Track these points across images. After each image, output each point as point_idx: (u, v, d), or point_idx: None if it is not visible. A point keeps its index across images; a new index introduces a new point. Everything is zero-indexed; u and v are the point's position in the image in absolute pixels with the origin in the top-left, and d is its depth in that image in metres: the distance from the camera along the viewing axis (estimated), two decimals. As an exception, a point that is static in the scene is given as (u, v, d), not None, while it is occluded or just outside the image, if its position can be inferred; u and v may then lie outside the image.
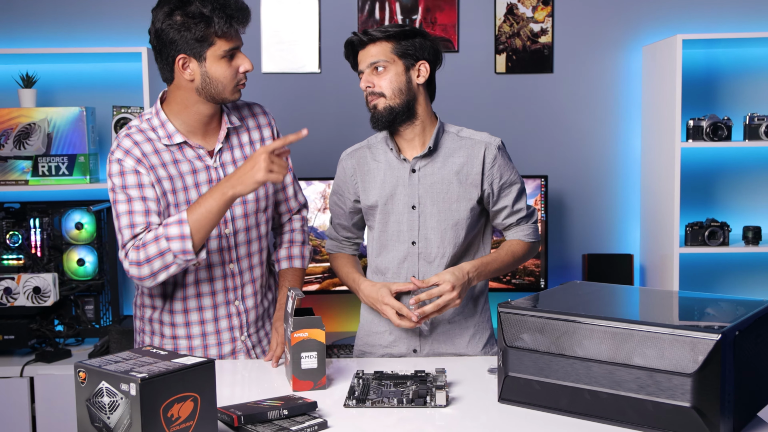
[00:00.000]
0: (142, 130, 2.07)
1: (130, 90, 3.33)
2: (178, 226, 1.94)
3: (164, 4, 1.98)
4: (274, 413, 1.61)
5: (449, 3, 3.41)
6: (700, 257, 3.37)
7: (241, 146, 2.15)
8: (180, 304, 2.12)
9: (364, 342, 2.28)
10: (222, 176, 2.10)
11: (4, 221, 3.11)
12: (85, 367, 1.44)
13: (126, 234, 2.00)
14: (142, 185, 2.01)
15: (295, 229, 2.31)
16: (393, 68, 2.09)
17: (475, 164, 2.16)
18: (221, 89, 2.01)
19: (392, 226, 2.18)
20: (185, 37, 1.95)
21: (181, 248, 1.94)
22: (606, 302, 1.87)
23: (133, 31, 3.39)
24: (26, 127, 3.09)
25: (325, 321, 3.45)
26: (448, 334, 2.20)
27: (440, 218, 2.15)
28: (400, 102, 2.10)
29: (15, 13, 3.39)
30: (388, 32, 2.09)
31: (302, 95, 3.45)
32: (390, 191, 2.17)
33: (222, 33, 1.96)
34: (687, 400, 1.50)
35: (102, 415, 1.42)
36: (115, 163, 2.03)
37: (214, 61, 1.98)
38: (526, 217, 2.24)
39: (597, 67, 3.46)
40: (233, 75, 2.01)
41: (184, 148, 2.07)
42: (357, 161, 2.24)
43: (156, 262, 1.96)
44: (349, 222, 2.30)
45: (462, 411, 1.71)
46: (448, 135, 2.19)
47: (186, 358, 1.48)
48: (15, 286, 2.97)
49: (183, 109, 2.06)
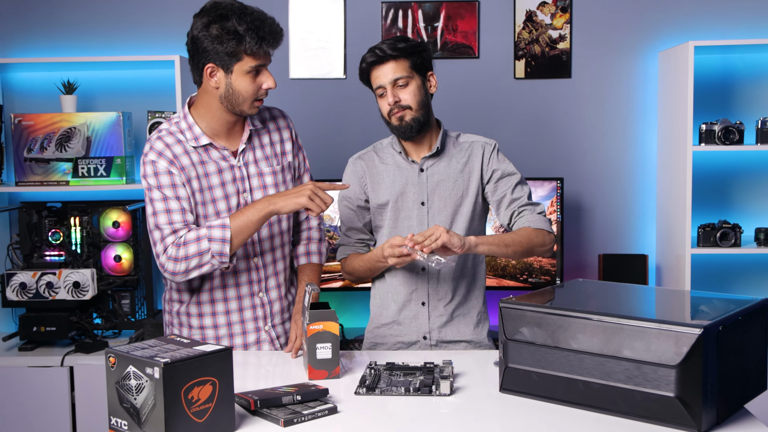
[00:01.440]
0: (172, 133, 2.20)
1: (164, 95, 3.47)
2: (221, 230, 2.09)
3: (205, 15, 2.11)
4: (288, 398, 1.73)
5: (470, 11, 3.52)
6: (712, 258, 3.43)
7: (262, 147, 2.28)
8: (207, 295, 2.26)
9: (374, 334, 2.42)
10: (245, 174, 2.23)
11: (47, 220, 3.27)
12: (115, 353, 1.58)
13: (166, 230, 2.13)
14: (176, 185, 2.15)
15: (312, 227, 2.44)
16: (414, 82, 2.26)
17: (475, 162, 2.34)
18: (241, 102, 2.14)
19: (403, 222, 2.34)
20: (217, 49, 2.08)
21: (219, 250, 2.09)
22: (602, 299, 1.96)
23: (166, 40, 3.54)
24: (67, 131, 3.25)
25: (346, 317, 3.58)
26: (453, 324, 2.36)
27: (447, 213, 2.33)
28: (423, 113, 2.28)
29: (58, 25, 3.56)
30: (405, 50, 2.24)
31: (328, 100, 3.58)
32: (400, 190, 2.33)
33: (251, 52, 2.09)
34: (671, 390, 1.59)
35: (129, 396, 1.56)
36: (149, 164, 2.16)
37: (239, 75, 2.11)
38: (529, 206, 2.32)
39: (614, 72, 3.54)
40: (255, 90, 2.14)
41: (210, 150, 2.21)
42: (366, 163, 2.40)
43: (193, 260, 2.10)
44: (361, 223, 2.43)
45: (465, 400, 1.81)
46: (450, 138, 2.39)
47: (206, 345, 1.62)
48: (56, 280, 3.13)
49: (208, 112, 2.19)
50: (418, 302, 2.35)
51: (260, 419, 1.69)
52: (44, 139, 3.24)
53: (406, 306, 2.36)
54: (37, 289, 3.12)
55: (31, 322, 3.16)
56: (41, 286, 3.12)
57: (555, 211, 3.32)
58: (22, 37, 3.55)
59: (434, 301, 2.34)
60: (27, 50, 3.55)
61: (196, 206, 2.18)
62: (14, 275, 3.12)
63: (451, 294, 2.35)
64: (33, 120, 3.24)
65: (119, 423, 1.59)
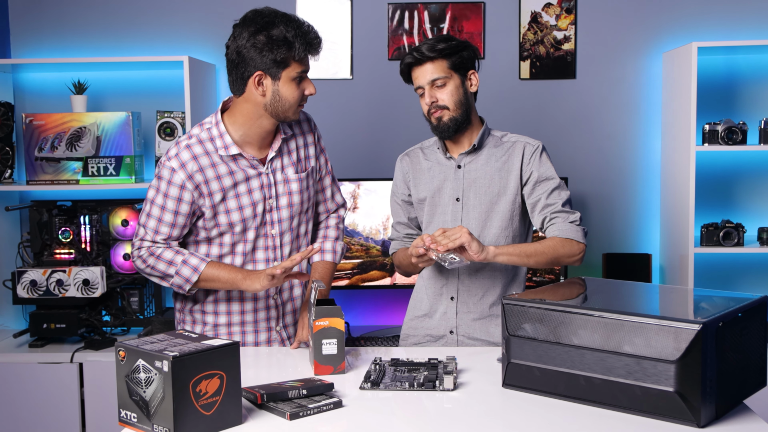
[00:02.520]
0: (201, 141, 2.20)
1: (173, 96, 3.50)
2: (192, 271, 2.18)
3: (250, 24, 2.11)
4: (294, 392, 1.76)
5: (475, 12, 3.54)
6: (715, 257, 3.44)
7: (289, 153, 2.30)
8: (224, 294, 2.30)
9: (409, 326, 2.45)
10: (272, 182, 2.25)
11: (57, 218, 3.31)
12: (125, 347, 1.62)
13: (148, 234, 2.21)
14: (181, 200, 2.18)
15: (330, 226, 2.47)
16: (452, 82, 2.27)
17: (515, 161, 2.32)
18: (287, 108, 2.16)
19: (438, 218, 2.36)
20: (265, 57, 2.09)
21: (180, 284, 2.20)
22: (604, 295, 1.99)
23: (175, 41, 3.58)
24: (78, 131, 3.29)
25: (354, 315, 3.61)
26: (485, 322, 2.35)
27: (481, 210, 2.32)
28: (461, 112, 2.29)
29: (68, 26, 3.60)
30: (444, 50, 2.25)
31: (335, 100, 3.60)
32: (438, 185, 2.36)
33: (299, 58, 2.12)
34: (671, 385, 1.61)
35: (139, 389, 1.59)
36: (168, 170, 2.18)
37: (286, 82, 2.13)
38: (562, 213, 2.28)
39: (618, 73, 3.56)
40: (299, 97, 2.17)
41: (238, 159, 2.22)
42: (411, 160, 2.44)
43: (155, 276, 2.22)
44: (406, 218, 2.47)
45: (468, 395, 1.84)
46: (493, 138, 2.38)
47: (214, 340, 1.65)
48: (66, 278, 3.17)
49: (247, 120, 2.19)
50: (448, 297, 2.36)
51: (267, 413, 1.72)
52: (55, 139, 3.28)
53: (436, 300, 2.38)
54: (48, 287, 3.16)
55: (42, 319, 3.20)
56: (51, 284, 3.16)
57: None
58: (34, 38, 3.60)
59: (464, 296, 2.34)
60: (38, 51, 3.59)
61: (217, 216, 2.21)
62: (25, 273, 3.17)
63: (482, 291, 2.34)
64: (44, 120, 3.28)
65: (129, 415, 1.63)
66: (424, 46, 2.25)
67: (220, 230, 2.23)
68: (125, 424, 1.64)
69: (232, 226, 2.22)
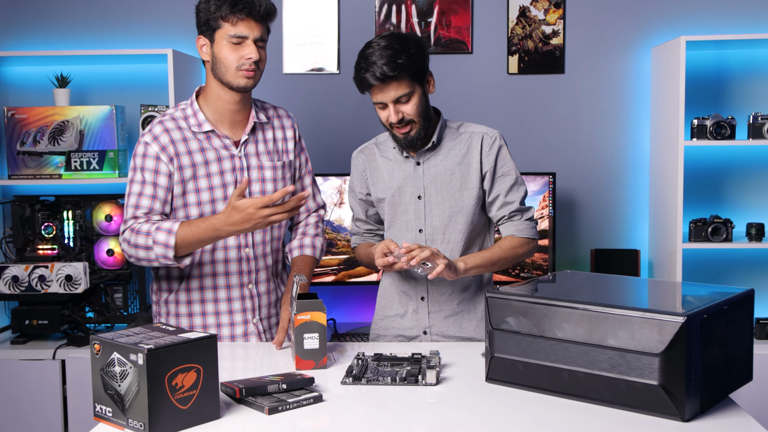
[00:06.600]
0: (174, 118, 2.25)
1: (157, 89, 3.48)
2: (165, 234, 2.12)
3: None
4: (274, 387, 1.74)
5: (463, 6, 3.52)
6: (704, 253, 3.43)
7: (265, 141, 2.31)
8: (196, 282, 2.27)
9: (379, 326, 2.42)
10: (245, 165, 2.25)
11: (40, 213, 3.27)
12: (100, 340, 1.59)
13: (129, 212, 2.20)
14: (158, 172, 2.19)
15: (309, 224, 2.45)
16: (416, 95, 2.20)
17: (474, 153, 2.29)
18: (224, 71, 2.17)
19: (400, 217, 2.33)
20: (201, 19, 2.18)
21: (162, 254, 2.13)
22: (589, 289, 1.97)
23: (159, 34, 3.55)
24: (60, 125, 3.26)
25: (340, 312, 3.58)
26: (457, 318, 2.33)
27: (444, 207, 2.29)
28: (425, 121, 2.24)
29: (51, 19, 3.57)
30: (404, 66, 2.13)
31: (322, 95, 3.58)
32: (398, 185, 2.32)
33: (225, 17, 2.12)
34: (655, 378, 1.59)
35: (114, 383, 1.56)
36: (142, 145, 2.22)
37: (219, 43, 2.16)
38: (520, 212, 2.31)
39: (607, 67, 3.54)
40: (236, 59, 2.15)
41: (212, 137, 2.24)
42: (366, 157, 2.39)
43: (141, 252, 2.16)
44: (365, 215, 2.44)
45: (451, 389, 1.82)
46: (450, 130, 2.33)
47: (190, 333, 1.62)
48: (49, 273, 3.13)
49: (211, 94, 2.23)
50: (418, 297, 2.34)
51: (245, 407, 1.70)
52: (37, 133, 3.25)
53: (406, 300, 2.35)
54: (30, 283, 3.13)
55: (24, 315, 3.16)
56: (33, 280, 3.13)
57: (547, 206, 3.33)
58: (16, 31, 3.56)
59: (434, 295, 2.32)
60: (20, 44, 3.56)
61: (188, 194, 2.20)
62: (6, 268, 3.13)
63: (451, 288, 2.32)
64: (26, 113, 3.25)
65: (104, 410, 1.60)
66: (384, 64, 2.11)
67: (187, 212, 2.22)
68: (100, 419, 1.61)
69: (200, 205, 2.21)
